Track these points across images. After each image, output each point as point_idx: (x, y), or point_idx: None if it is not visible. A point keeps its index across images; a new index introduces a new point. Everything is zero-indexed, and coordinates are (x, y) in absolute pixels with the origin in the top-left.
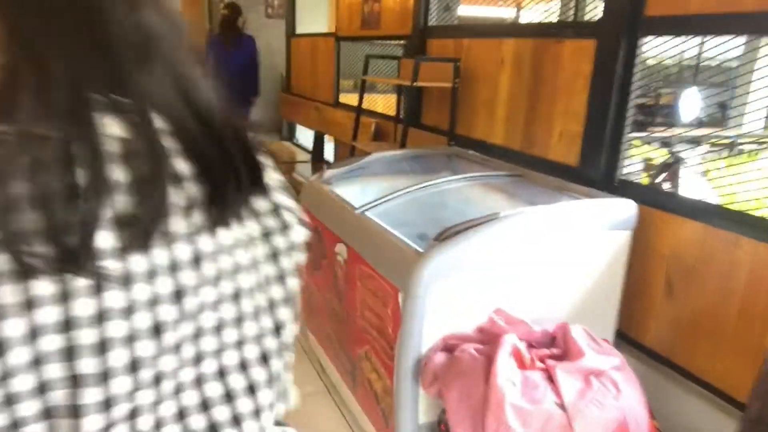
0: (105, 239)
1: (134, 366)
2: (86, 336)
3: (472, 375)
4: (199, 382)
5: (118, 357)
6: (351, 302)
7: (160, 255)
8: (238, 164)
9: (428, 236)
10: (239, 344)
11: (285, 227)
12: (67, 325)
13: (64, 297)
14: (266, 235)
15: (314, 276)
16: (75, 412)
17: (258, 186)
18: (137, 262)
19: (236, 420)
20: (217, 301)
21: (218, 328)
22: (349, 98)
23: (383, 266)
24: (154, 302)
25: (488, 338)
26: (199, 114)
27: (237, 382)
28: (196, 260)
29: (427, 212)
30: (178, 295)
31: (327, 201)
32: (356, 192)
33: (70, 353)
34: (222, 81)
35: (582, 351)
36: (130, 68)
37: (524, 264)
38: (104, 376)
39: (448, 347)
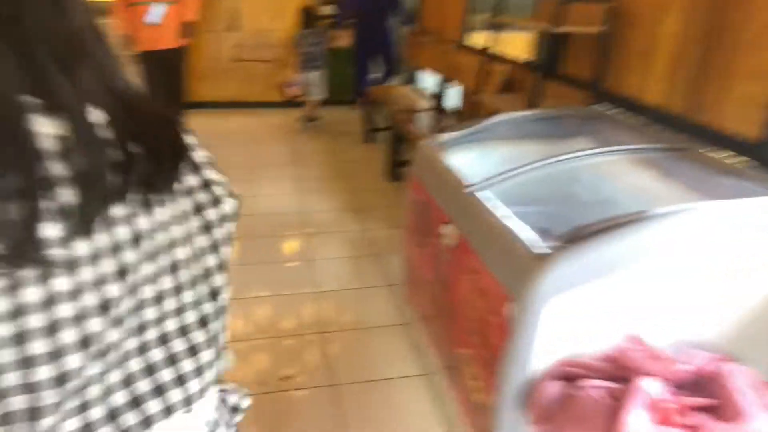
0: (50, 230)
1: (85, 342)
2: (36, 320)
3: (593, 423)
4: (143, 349)
5: (68, 335)
6: (455, 295)
7: (102, 238)
8: (168, 147)
9: (553, 233)
10: (179, 311)
11: (216, 201)
12: (17, 312)
13: (13, 287)
14: (198, 209)
15: (419, 251)
16: (30, 389)
17: (188, 164)
18: (81, 247)
19: (180, 380)
20: (156, 274)
21: (158, 299)
22: (481, 38)
23: (494, 264)
24: (100, 282)
25: (617, 372)
26: (126, 104)
27: (178, 345)
28: (136, 239)
29: (557, 197)
30: (122, 273)
31: (438, 172)
32: (473, 163)
33: (20, 338)
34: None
35: (744, 408)
36: (60, 70)
37: (674, 278)
38: (56, 355)
39: (565, 376)
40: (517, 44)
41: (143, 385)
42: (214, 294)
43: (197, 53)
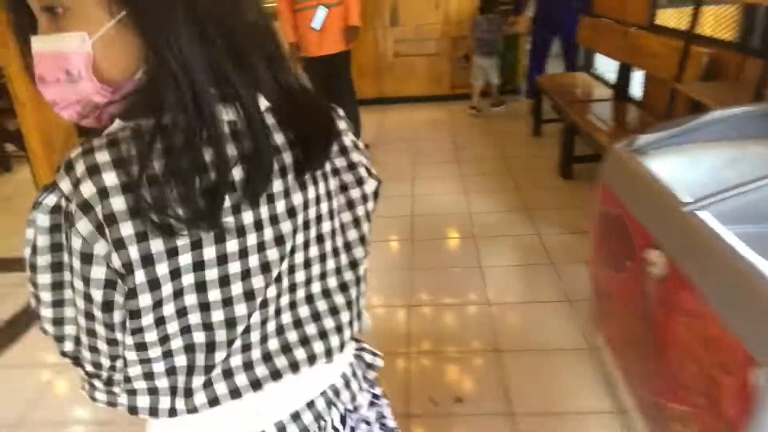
0: (225, 201)
1: (249, 295)
2: (212, 273)
3: None
4: (293, 305)
5: (236, 288)
6: (666, 339)
7: (264, 210)
8: (321, 133)
9: None
10: (323, 276)
11: (359, 181)
12: (199, 266)
13: (196, 245)
14: (344, 188)
15: (612, 274)
16: (208, 327)
17: (337, 148)
18: (248, 217)
19: (322, 335)
20: (306, 243)
21: (306, 264)
22: (671, 16)
23: (730, 313)
24: (261, 247)
25: None
26: (289, 94)
27: (322, 305)
28: (291, 212)
29: None
30: (279, 240)
31: (638, 182)
32: (683, 173)
33: (201, 287)
34: None
35: None
36: (235, 61)
37: None
38: (227, 302)
39: None
40: (711, 21)
41: (292, 336)
42: (353, 264)
43: (359, 50)
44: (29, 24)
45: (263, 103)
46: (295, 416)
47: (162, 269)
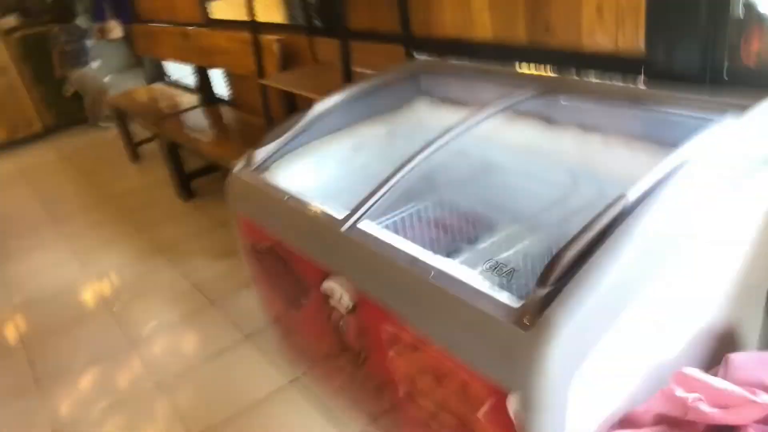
0: None
1: None
2: None
3: None
4: None
5: None
6: (383, 374)
7: None
8: None
9: (501, 263)
10: None
11: None
12: None
13: None
14: None
15: (291, 313)
16: None
17: None
18: None
19: None
20: None
21: None
22: (225, 8)
23: (447, 340)
24: None
25: (678, 427)
26: None
27: None
28: None
29: (466, 203)
30: None
31: (281, 207)
32: (317, 183)
33: None
34: None
35: None
36: None
37: (682, 272)
38: None
39: None
40: (263, 6)
41: None
42: None
43: None
44: None
45: None
46: None
47: None
